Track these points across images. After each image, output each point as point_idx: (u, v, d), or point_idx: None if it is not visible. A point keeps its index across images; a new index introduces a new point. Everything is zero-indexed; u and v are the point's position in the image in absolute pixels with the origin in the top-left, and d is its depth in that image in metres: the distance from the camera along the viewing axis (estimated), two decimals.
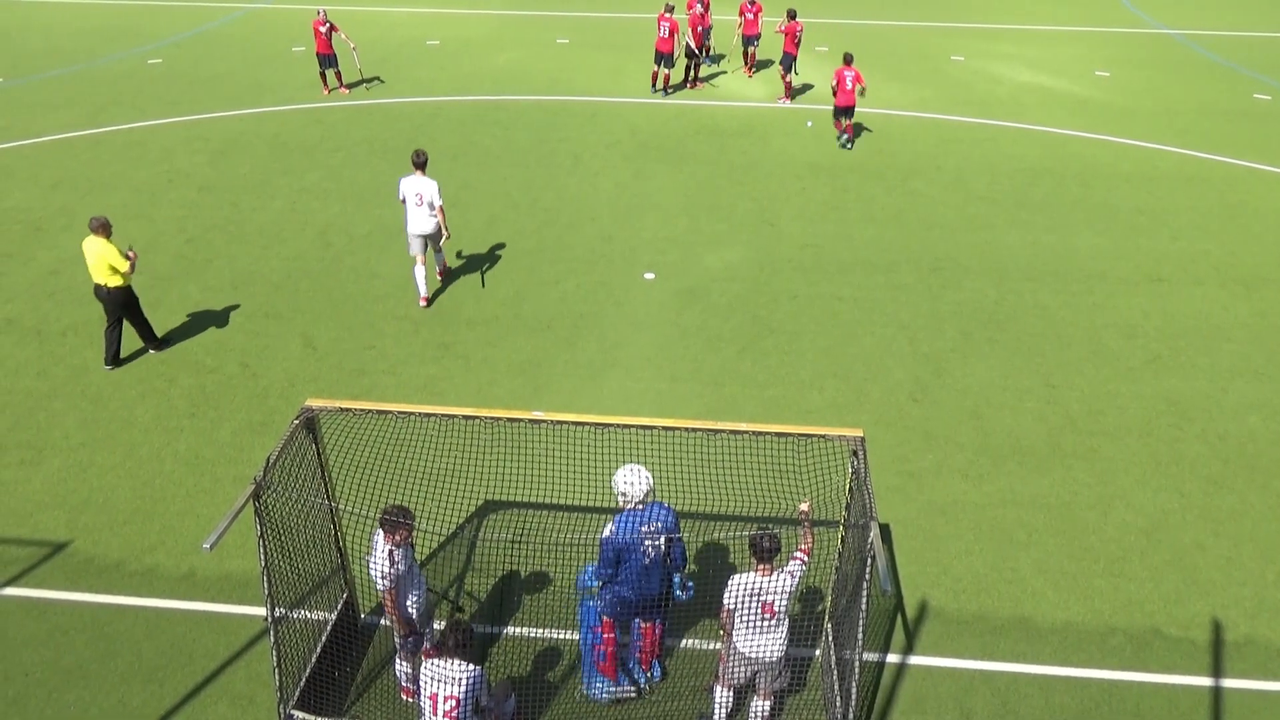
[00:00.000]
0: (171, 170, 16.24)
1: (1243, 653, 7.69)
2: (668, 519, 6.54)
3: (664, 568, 6.66)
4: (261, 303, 12.40)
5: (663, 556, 6.57)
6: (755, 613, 6.28)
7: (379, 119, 18.70)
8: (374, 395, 10.56)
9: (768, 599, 6.25)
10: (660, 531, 6.48)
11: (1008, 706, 7.24)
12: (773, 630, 6.35)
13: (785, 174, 16.39)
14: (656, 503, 6.60)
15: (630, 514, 6.48)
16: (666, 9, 19.38)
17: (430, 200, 11.75)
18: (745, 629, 6.35)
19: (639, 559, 6.46)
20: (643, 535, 6.43)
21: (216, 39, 24.13)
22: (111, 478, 9.39)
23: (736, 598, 6.27)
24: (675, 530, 6.55)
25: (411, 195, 11.80)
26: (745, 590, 6.24)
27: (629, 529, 6.44)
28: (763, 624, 6.31)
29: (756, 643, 6.36)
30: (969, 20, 26.89)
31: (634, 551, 6.44)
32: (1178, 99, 20.47)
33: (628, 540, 6.42)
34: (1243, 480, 9.54)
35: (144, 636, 7.68)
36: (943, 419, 10.36)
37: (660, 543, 6.48)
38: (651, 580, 6.62)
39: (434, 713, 5.80)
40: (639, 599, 6.67)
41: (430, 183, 11.78)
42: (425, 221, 11.85)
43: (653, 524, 6.47)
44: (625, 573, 6.53)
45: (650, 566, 6.56)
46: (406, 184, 11.86)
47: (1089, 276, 13.23)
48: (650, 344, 11.64)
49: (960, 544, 8.72)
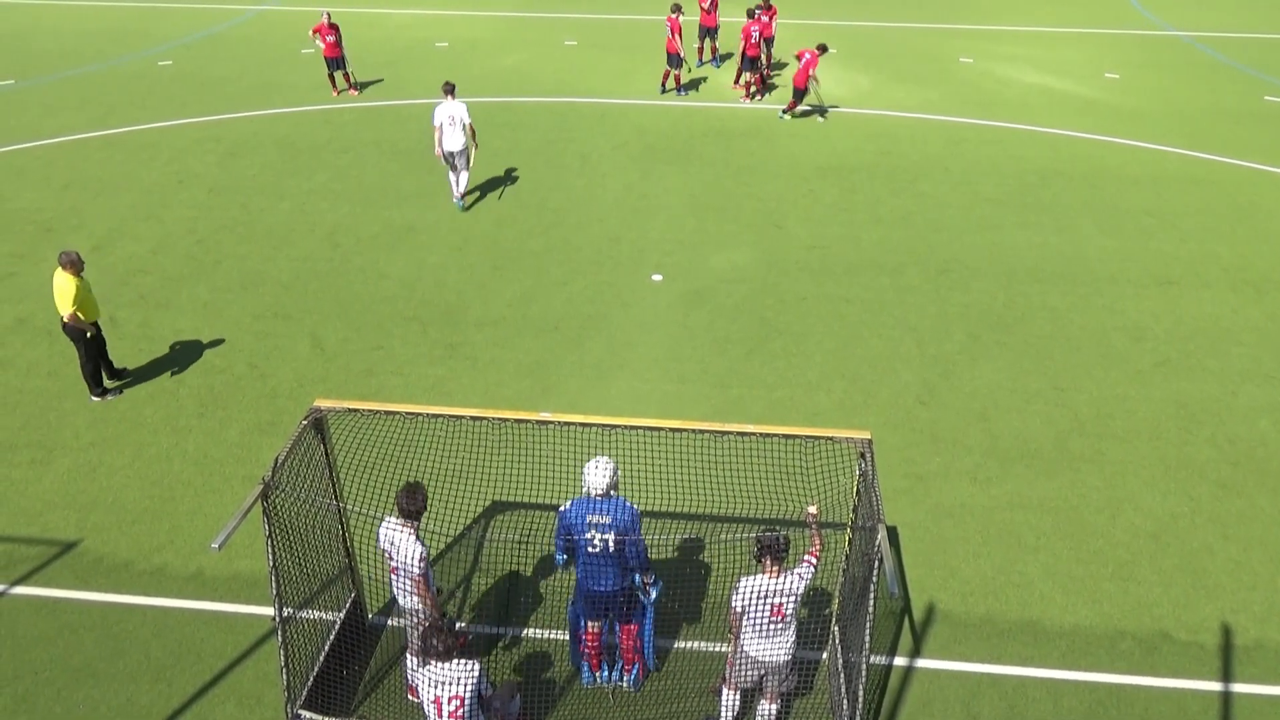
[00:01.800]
0: (182, 171, 16.31)
1: (1252, 657, 7.65)
2: (621, 517, 6.53)
3: (620, 566, 6.67)
4: (270, 303, 12.45)
5: (614, 554, 6.57)
6: (764, 615, 6.26)
7: (388, 120, 18.75)
8: (382, 396, 10.59)
9: (777, 601, 6.24)
10: (609, 527, 6.49)
11: (1015, 710, 7.21)
12: (781, 633, 6.34)
13: (792, 175, 16.38)
14: (618, 499, 6.60)
15: (585, 500, 6.57)
16: (674, 9, 19.39)
17: (462, 120, 14.11)
18: (754, 632, 6.34)
19: (585, 545, 6.56)
20: (589, 523, 6.50)
21: (226, 41, 24.23)
22: (121, 477, 9.43)
23: (745, 599, 6.25)
24: (631, 530, 6.55)
25: (445, 118, 14.08)
26: (754, 592, 6.23)
27: (577, 513, 6.55)
28: (771, 627, 6.30)
29: (764, 646, 6.35)
30: (977, 22, 26.82)
31: (579, 536, 6.55)
32: (1187, 101, 20.39)
33: (573, 523, 6.55)
34: (1253, 484, 9.50)
35: (152, 635, 7.71)
36: (950, 421, 10.34)
37: (609, 538, 6.50)
38: (602, 575, 6.65)
39: (439, 716, 5.74)
40: (591, 591, 6.74)
41: (460, 105, 14.16)
42: (458, 139, 14.22)
43: (601, 516, 6.50)
44: (579, 559, 6.66)
45: (599, 558, 6.58)
46: (441, 110, 14.12)
47: (1097, 279, 13.19)
48: (657, 345, 11.64)
49: (968, 547, 8.70)
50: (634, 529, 6.58)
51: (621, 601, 6.83)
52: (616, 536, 6.53)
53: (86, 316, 10.07)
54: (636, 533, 6.60)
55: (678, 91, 20.24)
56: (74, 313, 9.88)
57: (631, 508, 6.61)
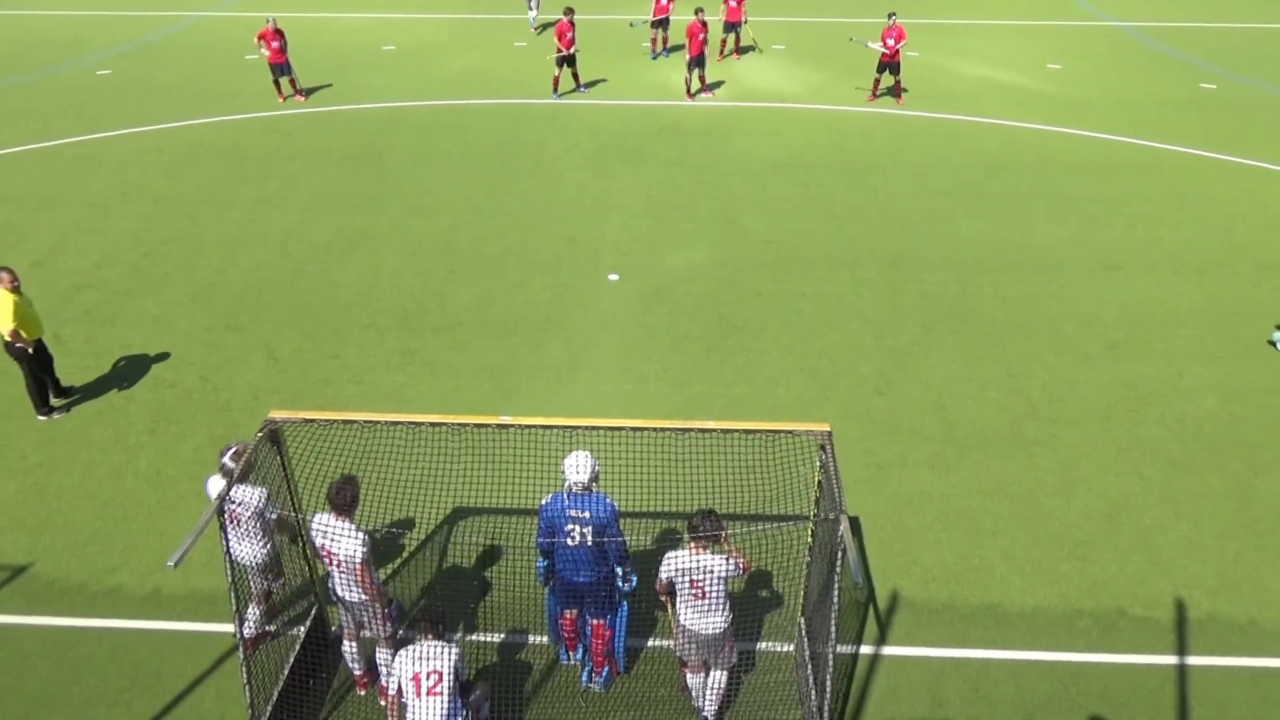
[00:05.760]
0: (125, 183, 15.95)
1: (1205, 630, 7.86)
2: (599, 512, 6.59)
3: (598, 560, 6.72)
4: (221, 315, 12.22)
5: (592, 548, 6.63)
6: (685, 589, 6.44)
7: (336, 126, 18.51)
8: (339, 405, 10.45)
9: (697, 577, 6.36)
10: (588, 521, 6.56)
11: (979, 693, 7.33)
12: (708, 612, 6.46)
13: (746, 172, 16.47)
14: (599, 494, 6.67)
15: (564, 495, 6.64)
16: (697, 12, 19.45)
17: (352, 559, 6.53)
18: (682, 604, 6.54)
19: (564, 537, 6.64)
20: (569, 517, 6.57)
21: (167, 48, 23.75)
22: (71, 498, 9.20)
23: (669, 570, 6.46)
24: (608, 525, 6.62)
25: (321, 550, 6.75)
26: (675, 566, 6.41)
27: (557, 506, 6.64)
28: (694, 603, 6.45)
29: (694, 619, 6.51)
30: (924, 16, 27.18)
31: (559, 528, 6.64)
32: (1128, 90, 20.87)
33: (553, 515, 6.64)
34: (1201, 461, 9.75)
35: (109, 659, 7.53)
36: (908, 411, 10.47)
37: (587, 531, 6.56)
38: (579, 568, 6.71)
39: (417, 694, 5.68)
40: (570, 582, 6.82)
41: (349, 534, 6.53)
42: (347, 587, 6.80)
43: (580, 511, 6.56)
44: (557, 550, 6.74)
45: (578, 551, 6.64)
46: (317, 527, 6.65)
47: (1047, 266, 13.44)
48: (617, 345, 11.63)
49: (928, 534, 8.82)
50: (613, 525, 6.65)
51: (597, 592, 6.86)
52: (595, 531, 6.58)
53: (29, 334, 9.81)
54: (615, 528, 6.67)
55: (709, 91, 20.27)
56: (14, 329, 9.61)
57: (611, 504, 6.67)
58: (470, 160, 16.91)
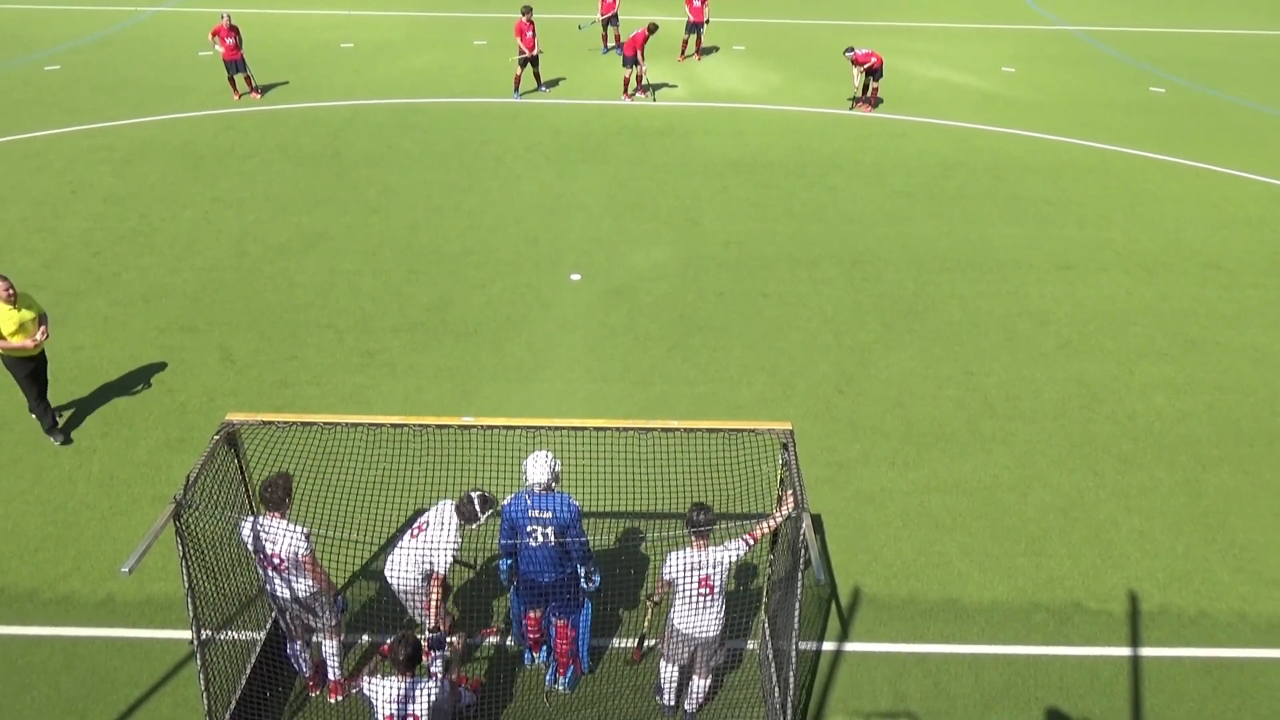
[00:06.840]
0: (74, 181, 15.59)
1: (1157, 622, 8.04)
2: (561, 512, 6.59)
3: (561, 559, 6.71)
4: (176, 316, 11.99)
5: (554, 548, 6.63)
6: (693, 586, 6.40)
7: (293, 124, 18.25)
8: (297, 407, 10.31)
9: (704, 573, 6.38)
10: (550, 521, 6.55)
11: (940, 687, 7.43)
12: (709, 607, 6.48)
13: (707, 172, 16.53)
14: (561, 494, 6.66)
15: (526, 494, 6.63)
16: None
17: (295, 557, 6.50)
18: (683, 605, 6.49)
19: (527, 538, 6.65)
20: (531, 517, 6.57)
21: (119, 44, 23.25)
22: (19, 503, 8.97)
23: (674, 571, 6.41)
24: (570, 525, 6.61)
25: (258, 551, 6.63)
26: (683, 565, 6.37)
27: (519, 506, 6.63)
28: (700, 600, 6.44)
29: (692, 620, 6.51)
30: (881, 18, 27.50)
31: (521, 528, 6.64)
32: (1080, 93, 21.29)
33: (515, 516, 6.63)
34: (1151, 457, 9.98)
35: (61, 668, 7.36)
36: (868, 409, 10.59)
37: (550, 531, 6.56)
38: (542, 568, 6.71)
39: None
40: (532, 582, 6.81)
41: (289, 531, 6.45)
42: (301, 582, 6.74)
43: (542, 510, 6.56)
44: (520, 550, 6.74)
45: (540, 551, 6.64)
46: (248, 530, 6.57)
47: (1002, 266, 13.67)
48: (579, 345, 11.61)
49: (889, 531, 8.93)
50: (575, 525, 6.64)
51: (562, 592, 6.85)
52: (558, 531, 6.57)
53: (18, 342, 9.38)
54: (578, 528, 6.66)
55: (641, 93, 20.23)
56: None
57: (574, 504, 6.65)
58: (430, 159, 16.77)
